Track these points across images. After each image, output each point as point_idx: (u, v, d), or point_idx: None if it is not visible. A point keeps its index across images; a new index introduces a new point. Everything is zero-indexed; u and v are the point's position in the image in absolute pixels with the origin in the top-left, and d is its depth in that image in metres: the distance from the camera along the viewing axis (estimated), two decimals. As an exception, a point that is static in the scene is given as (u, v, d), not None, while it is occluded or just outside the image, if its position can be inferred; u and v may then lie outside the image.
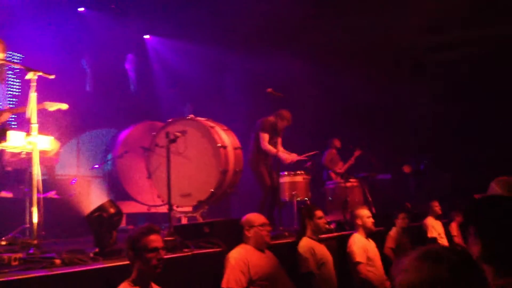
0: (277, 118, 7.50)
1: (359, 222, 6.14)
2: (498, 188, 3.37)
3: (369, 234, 6.19)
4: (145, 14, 11.48)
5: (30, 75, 4.63)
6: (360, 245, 5.96)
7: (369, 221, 6.13)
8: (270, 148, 7.49)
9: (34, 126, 4.59)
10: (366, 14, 11.32)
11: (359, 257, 5.84)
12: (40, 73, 4.68)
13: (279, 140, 7.69)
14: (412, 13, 11.01)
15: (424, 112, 12.45)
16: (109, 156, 9.91)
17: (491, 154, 11.06)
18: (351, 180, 9.00)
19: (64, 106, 5.25)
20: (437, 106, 12.22)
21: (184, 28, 11.74)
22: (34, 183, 4.54)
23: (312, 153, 8.14)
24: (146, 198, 8.54)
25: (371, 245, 6.14)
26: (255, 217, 4.90)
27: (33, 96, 4.60)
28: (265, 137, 7.50)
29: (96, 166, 9.50)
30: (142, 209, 9.24)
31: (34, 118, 4.58)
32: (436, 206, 8.61)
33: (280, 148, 7.63)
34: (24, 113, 4.81)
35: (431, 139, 12.16)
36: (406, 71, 12.61)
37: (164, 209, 7.56)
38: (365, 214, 6.16)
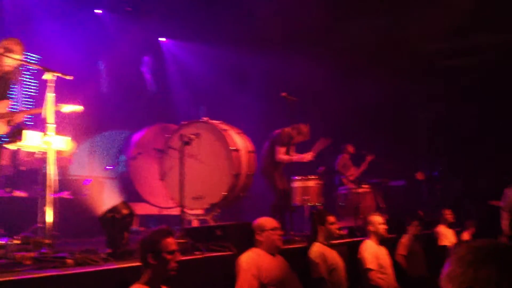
0: (294, 131, 7.49)
1: (371, 228, 6.11)
2: None
3: (381, 241, 6.15)
4: (160, 16, 11.55)
5: (48, 76, 4.66)
6: (372, 251, 5.93)
7: (382, 228, 6.09)
8: (285, 158, 7.49)
9: (51, 126, 4.63)
10: (383, 18, 11.29)
11: (370, 263, 5.82)
12: (58, 74, 4.72)
13: (292, 147, 7.69)
14: (431, 18, 10.95)
15: (438, 118, 12.37)
16: (123, 158, 9.97)
17: (505, 161, 10.96)
18: (363, 186, 8.96)
19: (79, 109, 5.28)
20: (452, 112, 12.14)
21: (199, 30, 11.79)
22: (49, 183, 4.58)
23: (320, 144, 7.90)
24: (158, 200, 8.58)
25: (382, 252, 6.11)
26: (267, 221, 4.90)
27: (50, 96, 4.64)
28: (281, 150, 7.50)
29: (110, 167, 9.57)
30: (154, 211, 9.29)
31: (51, 118, 4.62)
32: (448, 214, 8.55)
33: (293, 154, 7.62)
34: (39, 114, 4.85)
35: (445, 146, 12.08)
36: (422, 76, 12.56)
37: (176, 211, 7.60)
38: (377, 220, 6.13)
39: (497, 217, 9.40)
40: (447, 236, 8.37)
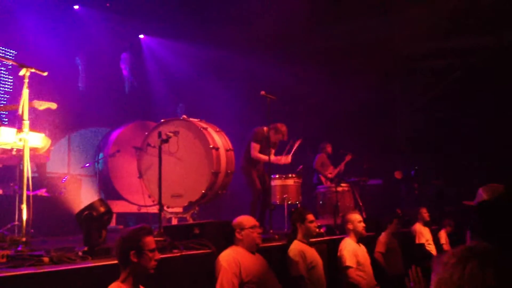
0: (272, 130, 7.49)
1: (350, 226, 6.15)
2: (485, 195, 3.42)
3: (360, 239, 6.20)
4: (140, 13, 11.47)
5: (23, 72, 4.59)
6: (351, 249, 5.97)
7: (360, 226, 6.14)
8: (260, 156, 7.49)
9: (26, 123, 4.56)
10: (363, 20, 11.36)
11: (349, 261, 5.86)
12: (33, 70, 4.65)
13: (272, 151, 7.69)
14: (410, 20, 11.06)
15: (417, 117, 12.51)
16: (101, 155, 9.89)
17: (481, 162, 11.15)
18: (342, 184, 9.02)
19: (53, 106, 5.19)
20: (430, 113, 12.30)
21: (179, 28, 11.75)
22: (25, 180, 4.51)
23: (296, 143, 7.98)
24: (137, 198, 8.52)
25: (361, 249, 6.16)
26: (246, 219, 4.89)
27: (25, 92, 4.57)
28: (256, 147, 7.51)
29: (87, 164, 9.47)
30: (133, 208, 9.24)
31: (26, 115, 4.55)
32: (425, 213, 8.65)
33: (272, 155, 7.63)
34: (14, 110, 4.77)
35: (423, 146, 12.22)
36: (400, 76, 12.69)
37: (154, 209, 7.56)
38: (356, 218, 6.17)
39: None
40: (423, 234, 8.48)
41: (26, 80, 4.58)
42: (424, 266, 7.14)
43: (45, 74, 4.72)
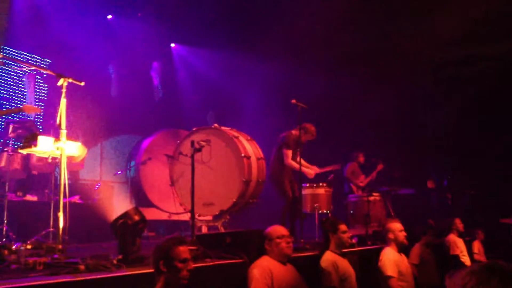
0: (301, 131, 7.47)
1: (391, 236, 6.01)
2: None
3: (402, 249, 6.07)
4: (171, 22, 11.60)
5: (61, 82, 4.69)
6: (392, 258, 5.83)
7: (402, 235, 5.99)
8: (293, 164, 7.48)
9: (63, 132, 4.65)
10: (393, 26, 11.27)
11: (390, 271, 5.72)
12: (71, 80, 4.75)
13: (299, 151, 7.68)
14: (435, 27, 10.93)
15: (449, 126, 12.33)
16: (133, 163, 10.00)
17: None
18: (373, 194, 8.91)
19: (38, 110, 5.38)
20: (462, 120, 12.09)
21: (210, 36, 11.82)
22: (61, 188, 4.59)
23: (332, 167, 8.11)
24: (168, 206, 8.59)
25: (403, 259, 6.00)
26: (274, 230, 4.85)
27: (63, 102, 4.66)
28: (288, 153, 7.51)
29: (119, 172, 9.59)
30: (163, 216, 9.30)
31: (63, 124, 4.64)
32: (459, 224, 8.49)
33: (301, 161, 7.61)
34: (16, 114, 4.87)
35: (456, 154, 12.03)
36: (431, 83, 12.53)
37: (184, 217, 7.60)
38: (397, 227, 6.03)
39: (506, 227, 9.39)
40: (458, 245, 8.31)
41: (64, 90, 4.67)
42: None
43: (82, 84, 4.81)
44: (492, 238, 9.51)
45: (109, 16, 11.20)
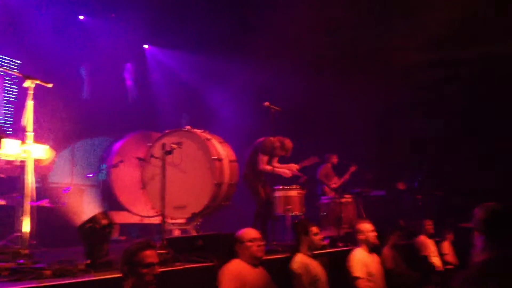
0: (278, 143, 7.48)
1: (361, 237, 6.04)
2: (481, 214, 3.38)
3: (372, 249, 6.10)
4: (144, 23, 11.51)
5: (28, 83, 4.61)
6: (360, 259, 5.86)
7: (372, 235, 6.03)
8: (267, 168, 7.51)
9: (30, 135, 4.57)
10: (367, 29, 11.38)
11: (357, 271, 5.76)
12: (38, 82, 4.67)
13: (275, 159, 7.71)
14: (415, 29, 11.06)
15: (420, 128, 12.48)
16: (104, 165, 9.88)
17: (484, 172, 11.09)
18: (345, 195, 8.96)
19: None
20: (433, 122, 12.26)
21: (183, 38, 11.78)
22: (27, 191, 4.51)
23: (310, 161, 8.07)
24: (140, 209, 8.52)
25: (374, 260, 6.03)
26: (245, 232, 4.84)
27: (29, 104, 4.58)
28: (264, 159, 7.53)
29: (90, 175, 9.48)
30: (135, 219, 9.21)
31: (30, 126, 4.56)
32: (429, 225, 8.60)
33: (275, 164, 7.63)
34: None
35: (427, 156, 12.18)
36: (401, 86, 12.66)
37: (157, 220, 7.54)
38: (367, 228, 6.06)
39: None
40: (428, 246, 8.42)
41: (31, 92, 4.59)
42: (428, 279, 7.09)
43: (50, 86, 4.74)
44: (462, 239, 9.64)
45: (81, 17, 11.06)
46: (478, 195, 10.02)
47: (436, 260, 8.34)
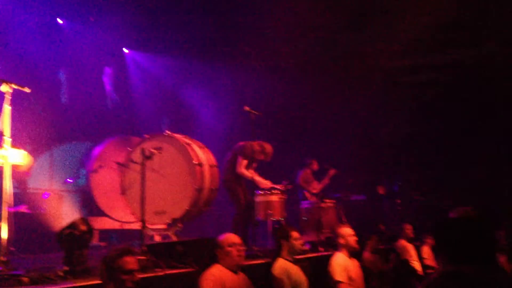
0: (259, 147, 7.49)
1: (342, 241, 6.06)
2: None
3: (353, 253, 6.13)
4: (124, 27, 11.44)
5: (5, 88, 4.55)
6: (341, 263, 5.88)
7: (353, 240, 6.05)
8: (245, 172, 7.53)
9: (7, 140, 4.51)
10: (348, 33, 11.45)
11: (339, 275, 5.77)
12: (15, 86, 4.61)
13: (254, 165, 7.72)
14: (395, 34, 11.17)
15: (400, 132, 12.60)
16: (83, 171, 9.79)
17: (464, 176, 11.24)
18: (326, 200, 8.99)
19: None
20: (413, 127, 12.39)
21: (162, 42, 11.73)
22: (5, 197, 4.44)
23: (285, 186, 8.15)
24: (120, 215, 8.44)
25: (354, 264, 6.06)
26: (225, 238, 4.81)
27: (7, 108, 4.52)
28: (243, 162, 7.53)
29: (70, 180, 9.37)
30: (115, 225, 9.12)
31: (7, 131, 4.50)
32: (408, 229, 8.66)
33: (254, 173, 7.65)
34: None
35: (406, 160, 12.31)
36: (382, 90, 12.78)
37: (137, 226, 7.48)
38: (347, 232, 6.09)
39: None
40: (408, 250, 8.49)
41: (8, 97, 4.54)
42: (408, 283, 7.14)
43: (28, 90, 4.69)
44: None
45: (60, 21, 10.95)
46: (458, 198, 10.18)
47: (416, 265, 8.41)
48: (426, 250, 9.04)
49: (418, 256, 8.71)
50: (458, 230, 2.66)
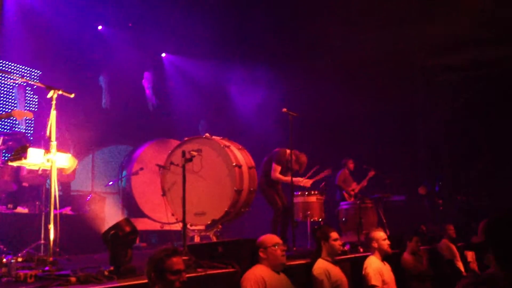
0: (293, 156, 7.48)
1: (374, 244, 6.06)
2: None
3: (385, 257, 6.11)
4: (162, 32, 11.61)
5: (51, 94, 4.69)
6: (376, 267, 5.88)
7: (385, 244, 6.05)
8: (280, 177, 7.56)
9: (53, 144, 4.64)
10: (385, 31, 11.33)
11: (374, 280, 5.77)
12: (61, 92, 4.75)
13: (289, 173, 7.72)
14: (431, 32, 11.00)
15: (440, 132, 12.39)
16: (124, 173, 9.97)
17: (508, 175, 10.96)
18: (365, 201, 8.92)
19: (30, 115, 5.50)
20: (453, 126, 12.17)
21: (201, 46, 11.84)
22: (52, 200, 4.58)
23: (323, 174, 8.08)
24: (160, 216, 8.56)
25: (386, 268, 6.05)
26: (268, 238, 4.87)
27: (53, 114, 4.66)
28: (277, 168, 7.59)
29: (111, 182, 9.57)
30: (155, 226, 9.27)
31: (53, 136, 4.64)
32: (451, 230, 8.52)
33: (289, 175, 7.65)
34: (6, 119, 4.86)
35: (447, 160, 12.10)
36: (422, 89, 12.60)
37: (177, 226, 7.58)
38: (380, 236, 6.08)
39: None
40: (451, 251, 8.35)
41: (54, 102, 4.67)
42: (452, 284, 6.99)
43: (72, 96, 4.82)
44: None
45: (100, 27, 11.20)
46: (499, 198, 9.96)
47: (459, 265, 8.26)
48: (470, 253, 8.84)
49: (461, 258, 8.55)
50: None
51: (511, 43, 11.10)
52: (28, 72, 9.73)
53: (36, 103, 9.76)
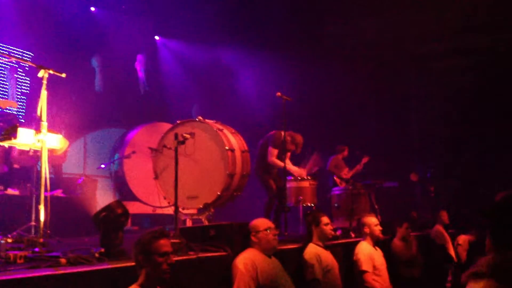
0: (289, 137, 7.46)
1: (366, 230, 6.09)
2: None
3: (377, 243, 6.14)
4: (155, 15, 11.51)
5: (41, 73, 4.63)
6: (367, 253, 5.92)
7: (377, 229, 6.08)
8: (277, 161, 7.54)
9: (44, 124, 4.59)
10: (376, 18, 11.30)
11: (365, 265, 5.80)
12: (51, 71, 4.69)
13: (288, 154, 7.71)
14: (424, 18, 10.95)
15: (432, 119, 12.40)
16: (116, 156, 9.94)
17: (499, 162, 10.99)
18: (357, 186, 8.93)
19: (14, 105, 5.44)
20: (446, 112, 12.17)
21: (194, 29, 11.76)
22: (42, 181, 4.54)
23: (314, 163, 8.11)
24: (152, 199, 8.55)
25: (378, 253, 6.09)
26: (261, 222, 4.88)
27: (43, 94, 4.60)
28: (274, 152, 7.56)
29: (103, 165, 9.52)
30: (147, 210, 9.26)
31: (44, 116, 4.59)
32: (444, 216, 8.56)
33: (288, 161, 7.64)
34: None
35: (439, 146, 12.12)
36: (414, 76, 12.58)
37: (169, 210, 7.57)
38: (372, 222, 6.11)
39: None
40: (444, 236, 8.40)
41: (45, 82, 4.62)
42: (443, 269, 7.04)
43: (63, 75, 4.76)
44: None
45: (93, 8, 11.07)
46: (493, 184, 9.98)
47: (451, 251, 8.32)
48: (462, 238, 8.88)
49: (452, 243, 8.61)
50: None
51: (503, 29, 11.08)
52: (20, 54, 9.62)
53: (28, 85, 9.67)
